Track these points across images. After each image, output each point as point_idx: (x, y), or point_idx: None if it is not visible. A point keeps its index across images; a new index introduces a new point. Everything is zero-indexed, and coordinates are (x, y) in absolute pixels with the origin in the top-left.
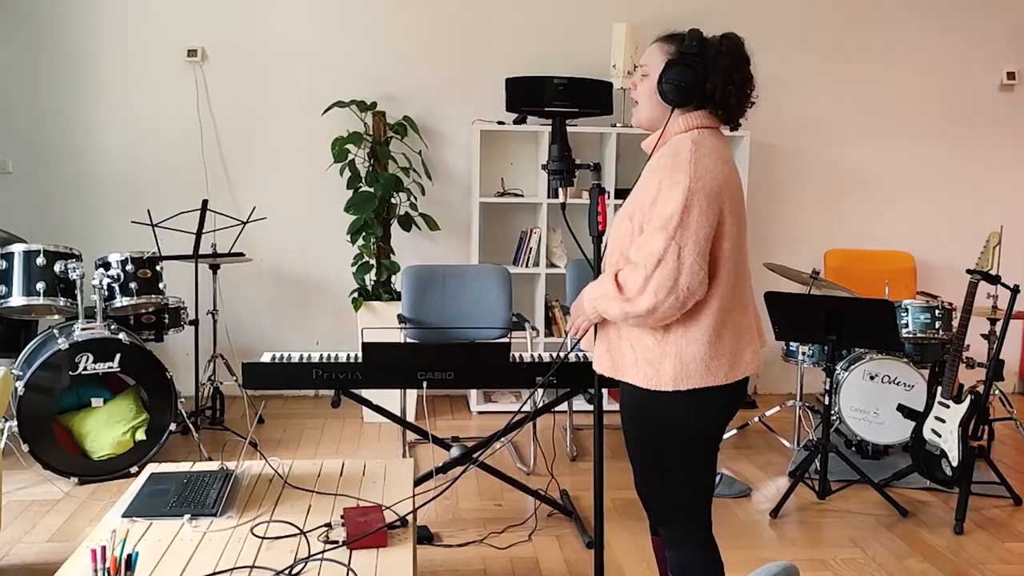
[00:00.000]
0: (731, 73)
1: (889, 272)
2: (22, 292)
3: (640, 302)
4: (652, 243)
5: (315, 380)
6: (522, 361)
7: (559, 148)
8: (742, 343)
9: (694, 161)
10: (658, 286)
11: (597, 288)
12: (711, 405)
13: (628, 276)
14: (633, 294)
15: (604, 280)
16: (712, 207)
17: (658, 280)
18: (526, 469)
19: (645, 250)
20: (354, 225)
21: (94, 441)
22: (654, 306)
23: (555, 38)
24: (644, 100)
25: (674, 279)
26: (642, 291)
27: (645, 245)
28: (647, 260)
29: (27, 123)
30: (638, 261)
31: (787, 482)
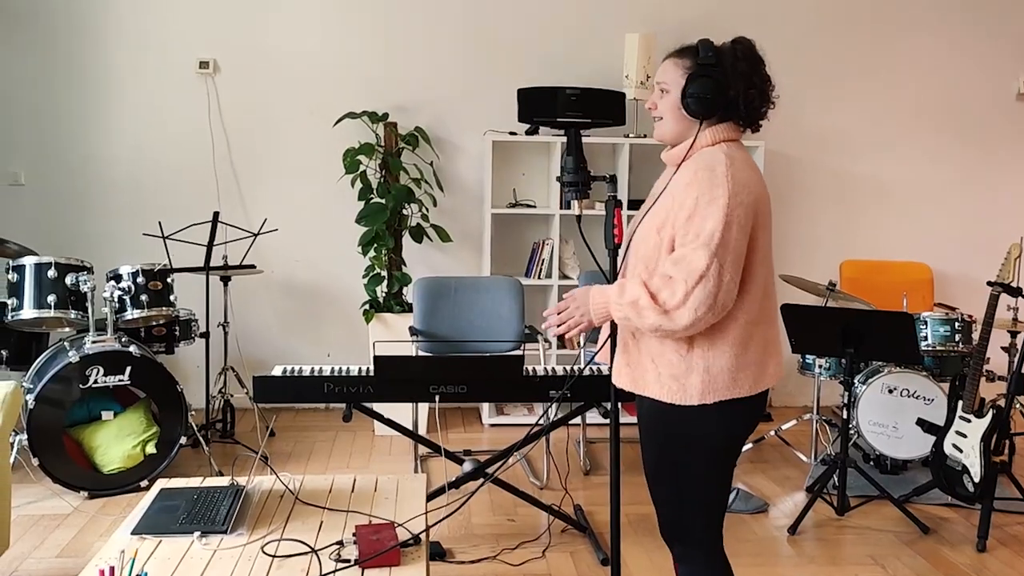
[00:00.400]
0: (751, 76)
1: (906, 283)
2: (33, 305)
3: (679, 316)
4: (694, 260)
5: (327, 394)
6: (535, 374)
7: (574, 160)
8: (767, 355)
9: (730, 176)
10: (699, 303)
11: (621, 293)
12: (736, 417)
13: (662, 288)
14: (671, 307)
15: (633, 287)
16: (748, 222)
17: (699, 297)
18: (539, 484)
19: (686, 266)
20: (365, 236)
21: (104, 455)
22: (693, 322)
23: (567, 48)
24: (668, 116)
25: (714, 297)
26: (681, 306)
27: (685, 260)
28: (688, 276)
29: (39, 135)
30: (677, 275)
31: (804, 497)
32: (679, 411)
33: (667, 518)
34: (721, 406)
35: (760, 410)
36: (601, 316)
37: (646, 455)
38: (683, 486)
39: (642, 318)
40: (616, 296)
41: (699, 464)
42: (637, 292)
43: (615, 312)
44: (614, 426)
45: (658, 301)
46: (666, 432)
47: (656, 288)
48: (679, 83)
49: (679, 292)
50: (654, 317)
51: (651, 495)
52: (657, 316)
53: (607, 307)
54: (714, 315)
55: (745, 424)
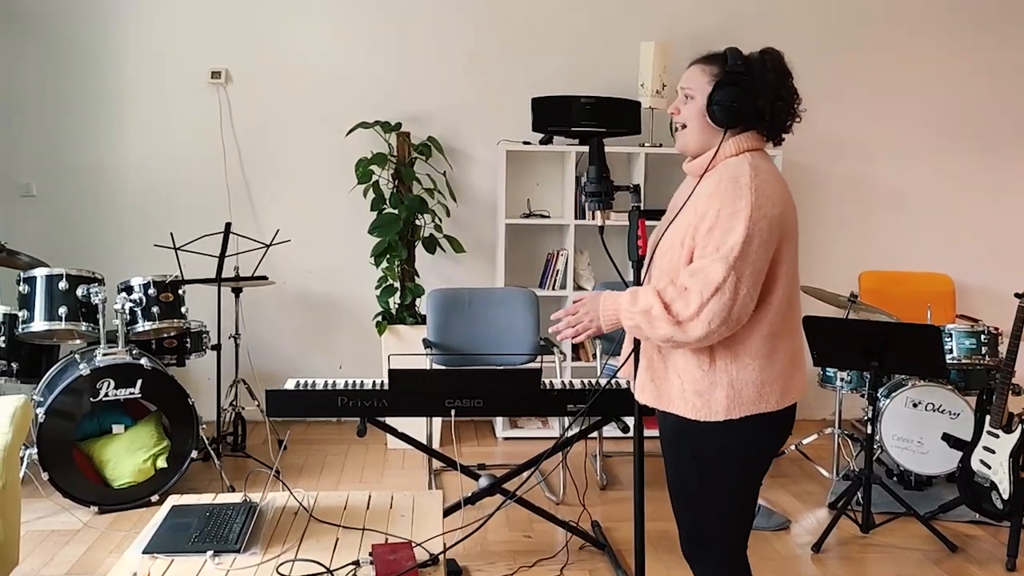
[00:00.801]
0: (779, 88)
1: (927, 295)
2: (44, 317)
3: (692, 328)
4: (710, 271)
5: (340, 408)
6: (552, 388)
7: (597, 170)
8: (793, 367)
9: (754, 187)
10: (713, 315)
11: (634, 301)
12: (762, 432)
13: (676, 299)
14: (684, 319)
15: (646, 296)
16: (772, 236)
17: (714, 309)
18: (555, 499)
19: (702, 277)
20: (378, 247)
21: (114, 469)
22: (706, 335)
23: (582, 57)
24: (691, 124)
25: (729, 310)
26: (694, 318)
27: (702, 272)
28: (704, 287)
29: (51, 146)
30: (693, 286)
31: (827, 513)
32: (704, 427)
33: (690, 536)
34: (747, 421)
35: (788, 425)
36: (610, 322)
37: (670, 472)
38: (708, 504)
39: (654, 328)
40: (628, 304)
41: (725, 482)
42: (650, 301)
43: (625, 320)
44: (638, 443)
45: (671, 312)
46: (691, 449)
47: (670, 298)
48: (705, 90)
49: (693, 303)
50: (666, 328)
51: (674, 512)
52: (669, 327)
53: (617, 314)
54: (728, 328)
55: (772, 440)
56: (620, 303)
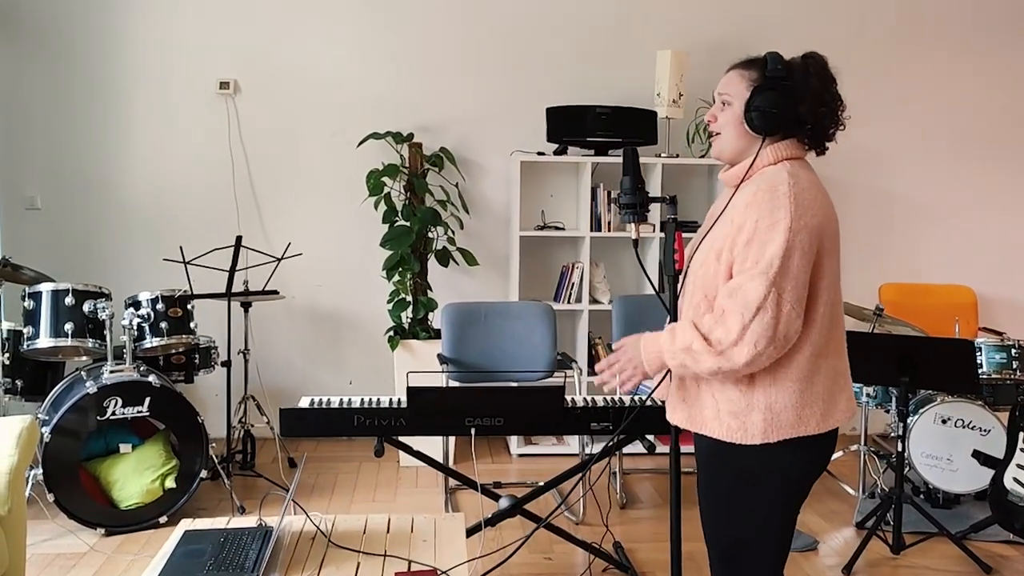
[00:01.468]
0: (822, 94)
1: (948, 307)
2: (50, 333)
3: (737, 354)
4: (750, 289)
5: (356, 427)
6: (575, 406)
7: (631, 180)
8: (836, 389)
9: (793, 197)
10: (757, 337)
11: (673, 340)
12: (801, 457)
13: (716, 326)
14: (727, 345)
15: (684, 332)
16: (812, 248)
17: (757, 330)
18: (575, 519)
19: (741, 297)
20: (390, 260)
21: (122, 489)
22: (753, 358)
23: (597, 66)
24: (728, 130)
25: (774, 329)
26: (738, 342)
27: (741, 291)
28: (745, 308)
29: (56, 158)
30: (732, 308)
31: (854, 533)
32: (740, 451)
33: (723, 561)
34: (785, 445)
35: (829, 449)
36: (655, 366)
37: (703, 495)
38: (742, 530)
39: (698, 363)
40: (669, 343)
41: (761, 507)
42: (689, 336)
43: (669, 360)
44: (674, 467)
45: (711, 342)
46: (725, 473)
47: (708, 328)
48: (743, 95)
49: (734, 327)
50: (710, 360)
51: (705, 536)
52: (713, 358)
53: (660, 356)
54: (776, 349)
55: (812, 464)
56: (661, 344)
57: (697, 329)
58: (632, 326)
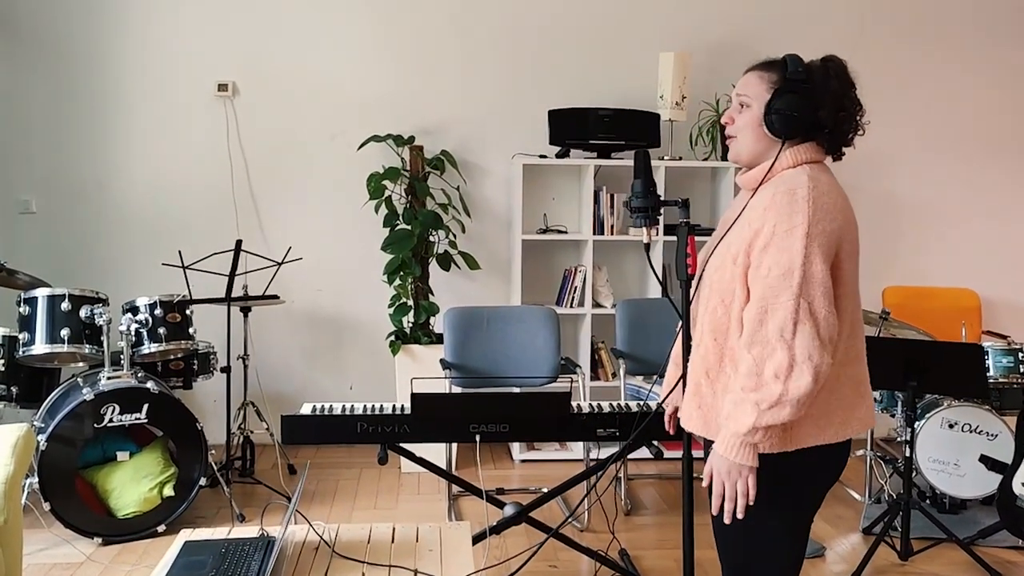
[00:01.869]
0: (842, 98)
1: (952, 310)
2: (46, 339)
3: (800, 377)
4: (779, 309)
5: (360, 434)
6: (581, 411)
7: (643, 183)
8: (856, 397)
9: (812, 201)
10: (809, 350)
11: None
12: (819, 466)
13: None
14: (785, 375)
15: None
16: (831, 252)
17: (804, 343)
18: (580, 526)
19: (773, 320)
20: (391, 264)
21: (119, 498)
22: (816, 373)
23: (599, 68)
24: (747, 133)
25: (817, 335)
26: (793, 365)
27: (769, 313)
28: (783, 328)
29: (52, 161)
30: (768, 337)
31: (860, 539)
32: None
33: (736, 572)
34: (804, 454)
35: (845, 458)
36: (746, 455)
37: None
38: (757, 540)
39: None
40: (737, 427)
41: (776, 517)
42: (750, 404)
43: (754, 439)
44: (687, 476)
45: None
46: None
47: (753, 383)
48: (763, 97)
49: (780, 355)
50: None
51: (718, 547)
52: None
53: (737, 442)
54: (828, 354)
55: (828, 474)
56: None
57: (747, 391)
58: (636, 330)
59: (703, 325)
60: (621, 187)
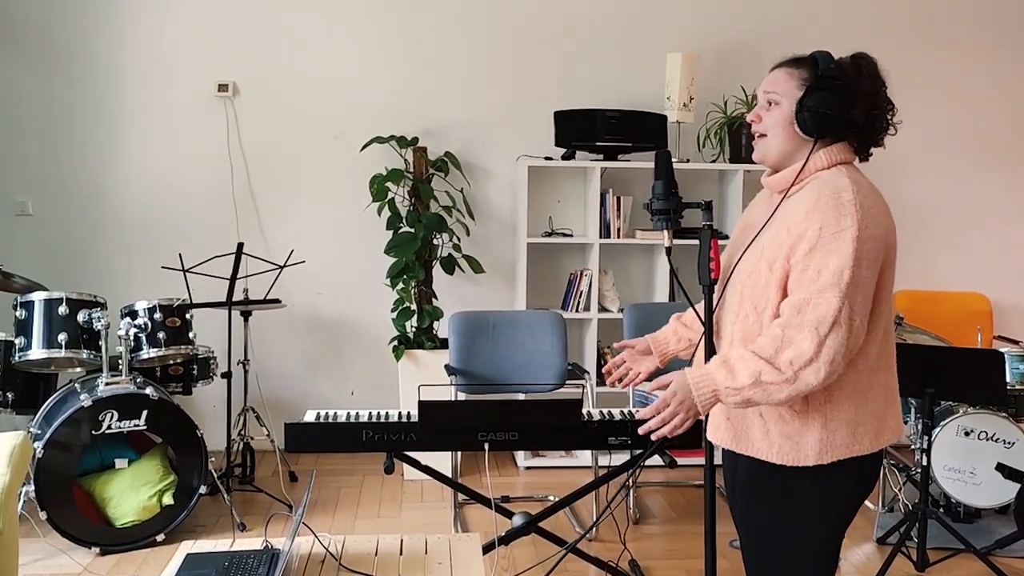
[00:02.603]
0: (874, 96)
1: (963, 315)
2: (43, 344)
3: (811, 375)
4: (822, 304)
5: (365, 442)
6: (591, 419)
7: (664, 184)
8: (887, 405)
9: (858, 203)
10: (834, 354)
11: (732, 375)
12: (853, 478)
13: (782, 348)
14: (800, 366)
15: (744, 363)
16: (879, 258)
17: (833, 346)
18: (588, 535)
19: (813, 313)
20: (394, 268)
21: (117, 507)
22: (828, 375)
23: (606, 69)
24: (776, 132)
25: (846, 344)
26: (813, 360)
27: (811, 306)
28: (820, 324)
29: (49, 162)
30: (802, 325)
31: (875, 549)
32: (790, 473)
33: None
34: (838, 466)
35: (878, 469)
36: (709, 405)
37: (744, 521)
38: (789, 557)
39: (770, 396)
40: (727, 380)
41: (810, 533)
42: (753, 367)
43: (729, 399)
44: (709, 489)
45: (780, 367)
46: (772, 497)
47: (770, 353)
48: (793, 95)
49: (808, 347)
50: (784, 389)
51: (745, 564)
52: (787, 386)
53: (716, 395)
54: (845, 364)
55: (863, 485)
56: (717, 382)
57: (758, 356)
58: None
59: (732, 333)
60: (628, 189)
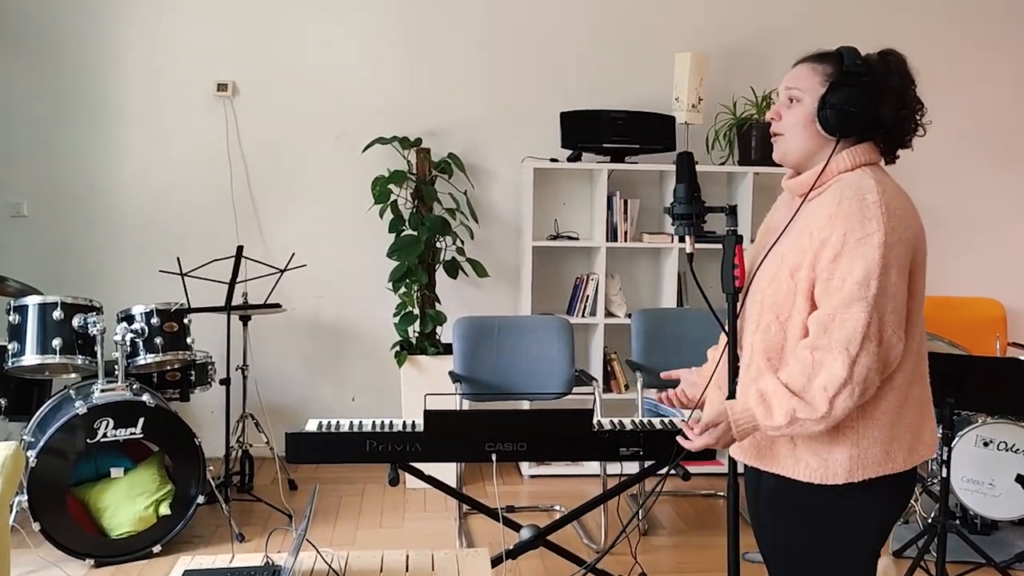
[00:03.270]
0: (903, 94)
1: (977, 321)
2: (36, 350)
3: (846, 399)
4: (849, 319)
5: (369, 452)
6: (602, 429)
7: (686, 188)
8: (922, 420)
9: (884, 205)
10: (867, 371)
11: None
12: (886, 497)
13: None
14: (833, 392)
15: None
16: (907, 264)
17: (866, 363)
18: (596, 547)
19: (840, 331)
20: (396, 272)
21: (112, 517)
22: (862, 394)
23: (613, 69)
24: (797, 131)
25: (879, 358)
26: (847, 383)
27: (837, 323)
28: (849, 342)
29: (44, 162)
30: (831, 346)
31: (891, 562)
32: (818, 492)
33: None
34: (870, 485)
35: (912, 487)
36: (747, 436)
37: (768, 543)
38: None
39: (808, 430)
40: (765, 418)
41: (839, 555)
42: (787, 405)
43: (769, 434)
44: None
45: (814, 399)
46: (800, 517)
47: (802, 383)
48: (816, 91)
49: (840, 369)
50: (822, 423)
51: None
52: (825, 420)
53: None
54: (879, 379)
55: (897, 504)
56: (757, 418)
57: (789, 388)
58: (652, 341)
59: (753, 344)
60: (635, 192)
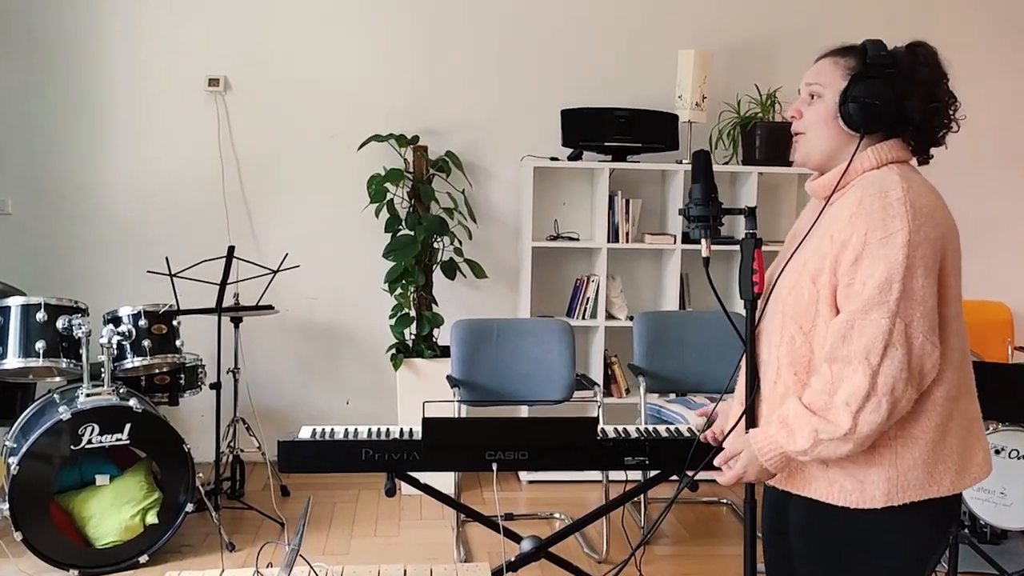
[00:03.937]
0: (933, 88)
1: (983, 324)
2: (19, 353)
3: (873, 413)
4: (868, 327)
5: (364, 461)
6: (607, 437)
7: (703, 189)
8: (972, 438)
9: (909, 203)
10: (894, 382)
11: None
12: (930, 523)
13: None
14: (857, 406)
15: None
16: (936, 265)
17: (891, 373)
18: (597, 557)
19: (860, 339)
20: (393, 272)
21: (98, 526)
22: (891, 410)
23: (615, 66)
24: (818, 129)
25: (907, 367)
26: (871, 396)
27: (856, 331)
28: (870, 351)
29: (29, 159)
30: (852, 356)
31: None
32: (855, 516)
33: None
34: (911, 509)
35: (957, 514)
36: (781, 465)
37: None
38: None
39: (836, 451)
40: (788, 443)
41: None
42: (809, 426)
43: (800, 459)
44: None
45: (836, 416)
46: (834, 543)
47: (824, 401)
48: (838, 86)
49: (860, 380)
50: (850, 441)
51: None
52: (851, 438)
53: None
54: (915, 390)
55: (942, 531)
56: (781, 445)
57: (813, 411)
58: (655, 345)
59: (779, 359)
60: (637, 192)
